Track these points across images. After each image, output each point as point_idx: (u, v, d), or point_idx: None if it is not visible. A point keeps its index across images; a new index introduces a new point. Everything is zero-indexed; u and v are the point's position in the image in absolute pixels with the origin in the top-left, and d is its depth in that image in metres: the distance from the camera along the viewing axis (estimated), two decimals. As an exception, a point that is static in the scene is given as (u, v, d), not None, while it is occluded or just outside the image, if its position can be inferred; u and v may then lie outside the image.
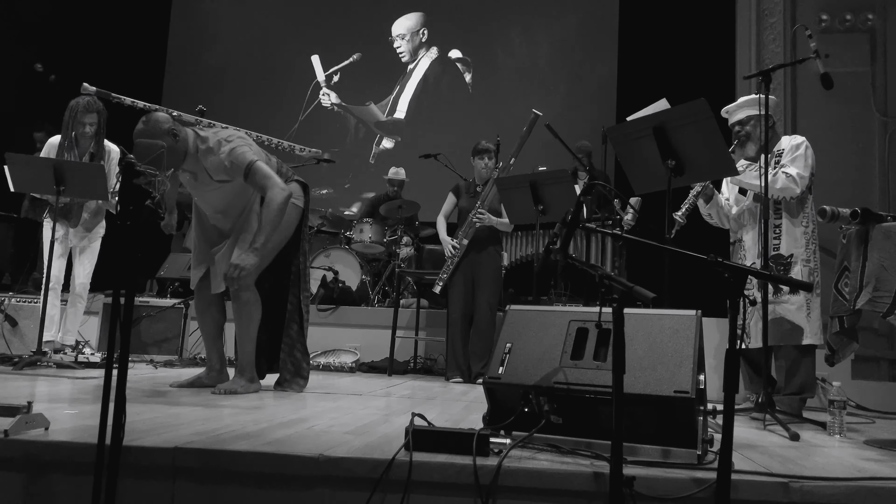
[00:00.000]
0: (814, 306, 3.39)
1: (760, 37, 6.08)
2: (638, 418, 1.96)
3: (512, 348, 2.20)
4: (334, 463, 1.80)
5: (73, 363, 4.11)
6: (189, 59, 8.67)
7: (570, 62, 8.03)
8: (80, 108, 4.39)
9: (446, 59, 8.36)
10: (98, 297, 5.20)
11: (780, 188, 3.36)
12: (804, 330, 3.35)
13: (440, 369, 5.13)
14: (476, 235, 4.68)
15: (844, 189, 5.22)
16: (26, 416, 1.91)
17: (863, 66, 5.78)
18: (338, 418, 2.54)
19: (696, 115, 2.91)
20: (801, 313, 3.36)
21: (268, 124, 8.14)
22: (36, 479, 1.84)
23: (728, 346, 1.65)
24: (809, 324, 3.36)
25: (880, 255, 2.63)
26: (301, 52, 8.50)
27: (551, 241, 1.92)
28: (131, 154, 2.04)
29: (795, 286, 3.24)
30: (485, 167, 4.76)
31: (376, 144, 8.32)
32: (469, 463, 1.77)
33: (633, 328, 2.06)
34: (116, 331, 1.70)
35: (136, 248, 1.76)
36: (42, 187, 4.21)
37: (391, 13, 8.49)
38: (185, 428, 2.13)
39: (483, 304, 4.62)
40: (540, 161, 5.71)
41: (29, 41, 7.25)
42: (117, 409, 1.63)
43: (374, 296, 6.06)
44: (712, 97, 3.00)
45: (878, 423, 3.46)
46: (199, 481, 1.82)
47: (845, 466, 2.09)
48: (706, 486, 1.72)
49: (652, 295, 1.64)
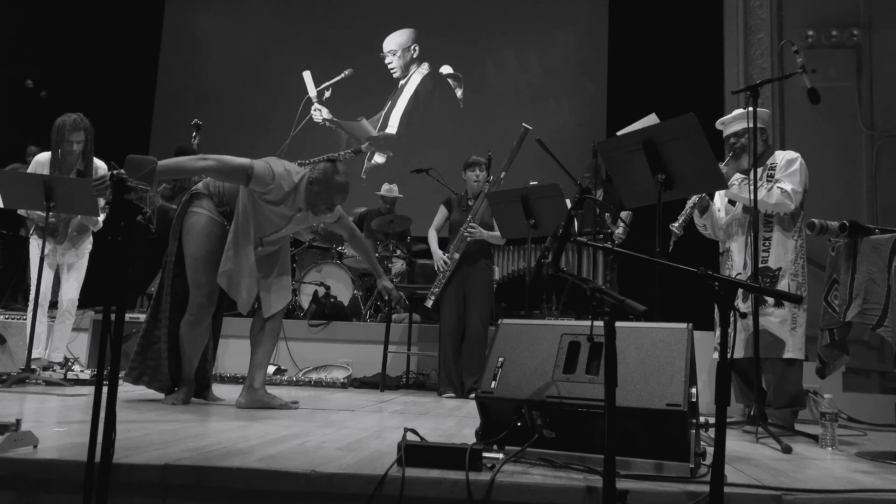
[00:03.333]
0: (800, 321, 3.40)
1: (748, 52, 6.15)
2: (630, 432, 1.96)
3: (504, 362, 2.20)
4: (326, 479, 1.79)
5: (62, 380, 4.08)
6: (180, 75, 8.68)
7: (561, 77, 8.09)
8: (67, 126, 4.37)
9: (437, 75, 8.41)
10: (87, 314, 5.17)
11: (775, 203, 3.39)
12: (786, 343, 3.36)
13: (433, 384, 5.11)
14: (467, 249, 4.68)
15: (832, 202, 5.27)
16: (14, 433, 1.89)
17: (849, 81, 5.86)
18: (330, 434, 2.53)
19: (685, 129, 2.94)
20: (785, 327, 3.37)
21: (259, 139, 8.16)
22: (24, 498, 1.82)
23: (719, 359, 1.66)
24: (793, 338, 3.37)
25: (869, 267, 2.66)
26: (293, 67, 8.53)
27: (543, 254, 1.93)
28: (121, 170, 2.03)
29: (786, 299, 3.25)
30: (476, 179, 4.77)
31: (368, 160, 8.34)
32: (462, 478, 1.76)
33: (625, 341, 2.06)
34: (106, 347, 1.69)
35: (126, 263, 1.76)
36: (32, 203, 4.19)
37: (382, 29, 8.54)
38: (176, 445, 2.11)
39: (475, 318, 4.62)
40: (531, 176, 5.73)
41: (19, 57, 7.24)
42: (107, 426, 1.61)
43: (366, 311, 6.05)
44: (701, 112, 3.03)
45: (869, 436, 3.47)
46: (189, 498, 1.80)
47: (837, 479, 2.09)
48: (699, 500, 1.72)
49: (643, 308, 1.64)
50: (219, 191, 3.40)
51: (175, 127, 7.86)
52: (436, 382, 4.98)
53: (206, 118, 6.62)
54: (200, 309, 3.33)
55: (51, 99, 6.39)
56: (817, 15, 5.95)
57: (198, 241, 3.32)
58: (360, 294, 6.07)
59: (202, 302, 3.33)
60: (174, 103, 8.54)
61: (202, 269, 3.31)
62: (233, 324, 5.48)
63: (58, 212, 4.25)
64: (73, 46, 7.82)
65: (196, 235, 3.33)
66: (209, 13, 8.87)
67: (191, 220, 3.36)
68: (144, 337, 3.45)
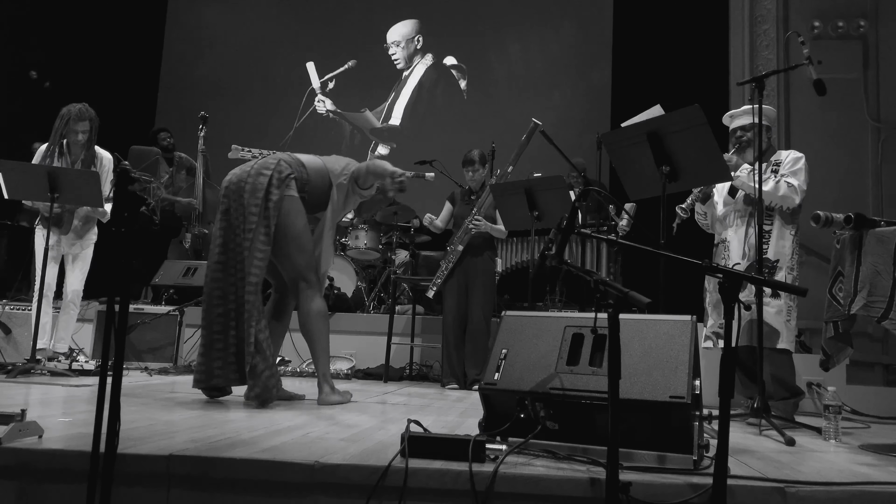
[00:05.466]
0: (793, 313, 3.45)
1: (753, 43, 6.12)
2: (634, 424, 1.96)
3: (508, 354, 2.20)
4: (330, 470, 1.79)
5: (67, 371, 4.09)
6: (184, 67, 8.67)
7: (565, 68, 8.05)
8: (72, 116, 4.37)
9: (441, 66, 8.38)
10: (92, 305, 5.18)
11: (782, 196, 3.40)
12: (781, 334, 3.39)
13: (436, 376, 5.12)
14: (471, 242, 4.68)
15: (837, 194, 5.25)
16: (20, 424, 1.90)
17: (855, 73, 5.83)
18: (333, 425, 2.53)
19: (690, 121, 2.93)
20: (780, 318, 3.41)
21: (263, 131, 8.15)
22: (29, 488, 1.83)
23: (723, 351, 1.65)
24: (787, 330, 3.42)
25: (874, 260, 2.64)
26: (296, 59, 8.51)
27: (547, 246, 1.93)
28: (125, 160, 2.03)
29: (789, 291, 3.25)
30: (471, 179, 4.78)
31: (371, 151, 8.32)
32: (465, 469, 1.76)
33: (629, 334, 2.06)
34: (111, 338, 1.69)
35: (130, 254, 1.76)
36: (36, 194, 4.20)
37: (386, 20, 8.50)
38: (180, 435, 2.12)
39: (477, 310, 4.62)
40: (534, 167, 5.72)
41: (23, 48, 7.24)
42: (111, 416, 1.62)
43: (370, 302, 6.06)
44: (706, 103, 3.01)
45: (872, 428, 3.46)
46: (194, 489, 1.81)
47: (841, 471, 2.09)
48: (702, 492, 1.72)
49: (647, 300, 1.64)
50: (302, 176, 3.33)
51: (179, 117, 7.85)
52: (439, 374, 4.99)
53: (210, 109, 6.63)
54: (321, 289, 3.33)
55: (54, 89, 6.39)
56: (824, 6, 5.91)
57: (305, 224, 3.29)
58: (363, 286, 6.08)
59: (317, 281, 3.32)
60: (178, 94, 8.53)
61: (312, 251, 3.30)
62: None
63: (62, 202, 4.25)
64: (77, 37, 7.81)
65: (303, 219, 3.27)
66: (213, 4, 8.84)
67: (294, 205, 3.25)
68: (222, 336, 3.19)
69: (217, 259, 3.20)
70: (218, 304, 3.17)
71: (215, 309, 3.17)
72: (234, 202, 3.20)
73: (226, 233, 3.22)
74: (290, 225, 3.20)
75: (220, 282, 3.18)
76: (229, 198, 3.22)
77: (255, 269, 3.09)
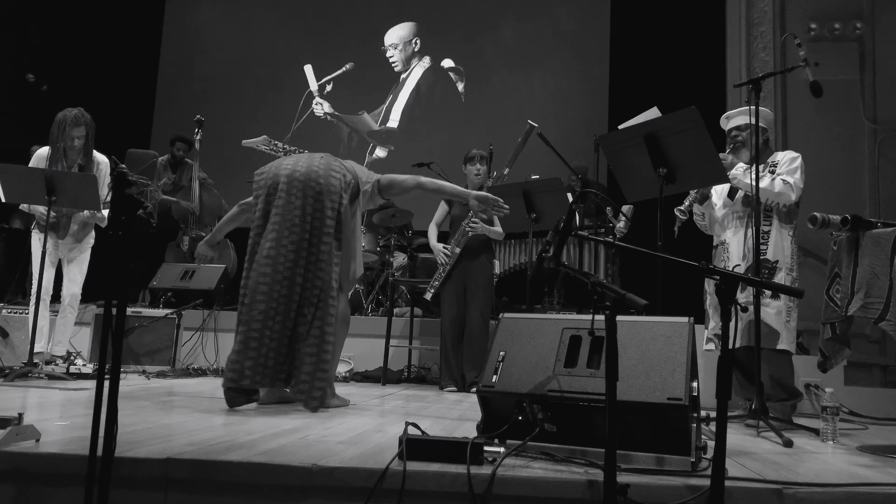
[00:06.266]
0: (793, 314, 3.45)
1: (750, 45, 6.13)
2: (632, 426, 1.96)
3: (505, 356, 2.20)
4: (328, 473, 1.79)
5: (64, 374, 4.08)
6: (182, 70, 8.67)
7: (562, 71, 8.06)
8: (68, 122, 4.37)
9: (439, 69, 8.38)
10: (90, 308, 5.17)
11: (779, 192, 3.40)
12: (781, 335, 3.39)
13: (434, 378, 5.12)
14: (468, 244, 4.68)
15: (834, 195, 5.26)
16: (17, 427, 1.90)
17: (852, 74, 5.84)
18: (331, 428, 2.53)
19: (687, 122, 2.93)
20: (780, 319, 3.41)
21: (261, 134, 8.16)
22: (26, 492, 1.82)
23: (721, 352, 1.66)
24: (786, 330, 3.42)
25: (871, 261, 2.65)
26: (294, 61, 8.51)
27: (544, 248, 1.93)
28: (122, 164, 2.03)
29: (787, 293, 3.26)
30: (476, 174, 4.76)
31: (369, 153, 8.32)
32: (463, 472, 1.76)
33: (626, 335, 2.06)
34: (108, 341, 1.69)
35: (127, 258, 1.76)
36: (33, 198, 4.19)
37: (384, 23, 8.51)
38: (178, 439, 2.12)
39: (474, 312, 4.62)
40: (532, 169, 5.73)
41: (20, 51, 7.23)
42: (109, 420, 1.62)
43: (368, 305, 6.05)
44: (703, 105, 3.02)
45: (870, 429, 3.47)
46: (191, 492, 1.81)
47: (839, 472, 2.09)
48: (700, 494, 1.72)
49: (644, 302, 1.64)
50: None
51: (176, 121, 7.85)
52: (437, 376, 4.99)
53: (208, 112, 6.63)
54: (348, 293, 3.38)
55: (52, 93, 6.39)
56: (820, 8, 5.93)
57: (353, 230, 3.31)
58: (361, 288, 6.08)
59: (348, 286, 3.37)
60: (175, 97, 8.53)
61: (353, 258, 3.33)
62: (232, 318, 5.48)
63: (59, 206, 4.25)
64: (75, 40, 7.81)
65: (353, 225, 3.29)
66: (210, 7, 8.85)
67: (350, 211, 3.24)
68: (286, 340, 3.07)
69: (267, 254, 3.05)
70: (261, 300, 3.02)
71: (258, 305, 3.02)
72: (295, 197, 3.10)
73: (280, 227, 3.08)
74: (346, 232, 3.19)
75: (267, 277, 3.02)
76: (290, 192, 3.11)
77: (335, 274, 3.08)
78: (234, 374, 2.98)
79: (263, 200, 3.17)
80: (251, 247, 3.15)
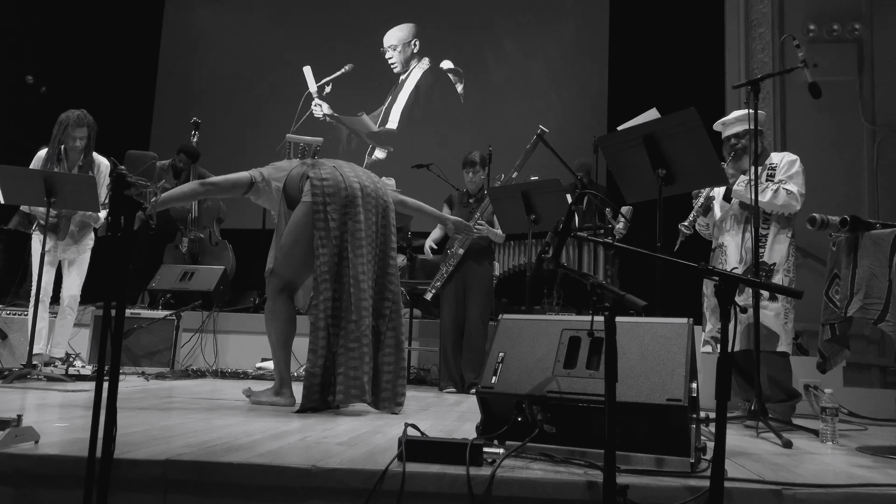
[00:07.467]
0: (790, 316, 3.46)
1: (749, 47, 6.14)
2: (631, 427, 1.96)
3: (505, 357, 2.20)
4: (327, 474, 1.79)
5: (63, 376, 4.08)
6: (181, 72, 8.66)
7: (561, 72, 8.07)
8: (70, 122, 4.37)
9: (438, 70, 8.39)
10: (89, 309, 5.17)
11: (783, 205, 3.41)
12: (780, 337, 3.40)
13: (433, 379, 5.12)
14: (471, 246, 4.68)
15: (833, 197, 5.26)
16: (16, 429, 1.89)
17: (850, 76, 5.84)
18: (330, 429, 2.53)
19: (686, 124, 2.93)
20: (779, 321, 3.41)
21: (259, 135, 8.15)
22: (25, 493, 1.82)
23: (720, 353, 1.66)
24: (785, 332, 3.42)
25: (870, 262, 2.65)
26: (293, 63, 8.51)
27: (543, 249, 1.93)
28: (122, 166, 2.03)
29: (785, 294, 3.27)
30: (471, 180, 4.78)
31: (368, 155, 8.32)
32: (462, 473, 1.76)
33: (626, 336, 2.06)
34: (107, 343, 1.69)
35: (127, 259, 1.76)
36: (32, 199, 4.19)
37: (383, 24, 8.51)
38: (177, 440, 2.12)
39: (473, 313, 4.62)
40: (532, 171, 5.73)
41: (19, 53, 7.23)
42: (108, 421, 1.62)
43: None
44: (702, 106, 3.02)
45: (870, 430, 3.47)
46: (191, 494, 1.81)
47: (838, 473, 2.09)
48: (699, 495, 1.72)
49: (643, 303, 1.64)
50: None
51: (175, 122, 7.85)
52: (437, 377, 4.99)
53: (207, 114, 6.63)
54: None
55: (51, 95, 6.38)
56: (819, 9, 5.93)
57: None
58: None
59: None
60: (174, 99, 8.52)
61: None
62: (231, 320, 5.50)
63: (58, 208, 4.25)
64: (74, 42, 7.81)
65: None
66: (209, 9, 8.84)
67: None
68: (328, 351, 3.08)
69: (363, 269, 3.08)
70: (366, 315, 3.08)
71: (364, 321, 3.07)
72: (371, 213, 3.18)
73: (366, 243, 3.13)
74: None
75: (365, 293, 3.08)
76: (366, 207, 3.16)
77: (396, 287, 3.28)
78: (357, 391, 3.03)
79: (339, 212, 3.10)
80: (329, 257, 3.04)
